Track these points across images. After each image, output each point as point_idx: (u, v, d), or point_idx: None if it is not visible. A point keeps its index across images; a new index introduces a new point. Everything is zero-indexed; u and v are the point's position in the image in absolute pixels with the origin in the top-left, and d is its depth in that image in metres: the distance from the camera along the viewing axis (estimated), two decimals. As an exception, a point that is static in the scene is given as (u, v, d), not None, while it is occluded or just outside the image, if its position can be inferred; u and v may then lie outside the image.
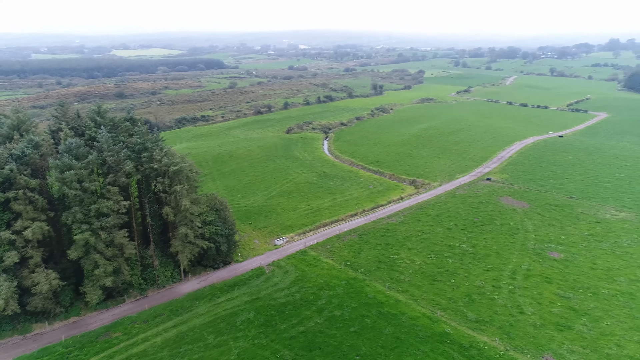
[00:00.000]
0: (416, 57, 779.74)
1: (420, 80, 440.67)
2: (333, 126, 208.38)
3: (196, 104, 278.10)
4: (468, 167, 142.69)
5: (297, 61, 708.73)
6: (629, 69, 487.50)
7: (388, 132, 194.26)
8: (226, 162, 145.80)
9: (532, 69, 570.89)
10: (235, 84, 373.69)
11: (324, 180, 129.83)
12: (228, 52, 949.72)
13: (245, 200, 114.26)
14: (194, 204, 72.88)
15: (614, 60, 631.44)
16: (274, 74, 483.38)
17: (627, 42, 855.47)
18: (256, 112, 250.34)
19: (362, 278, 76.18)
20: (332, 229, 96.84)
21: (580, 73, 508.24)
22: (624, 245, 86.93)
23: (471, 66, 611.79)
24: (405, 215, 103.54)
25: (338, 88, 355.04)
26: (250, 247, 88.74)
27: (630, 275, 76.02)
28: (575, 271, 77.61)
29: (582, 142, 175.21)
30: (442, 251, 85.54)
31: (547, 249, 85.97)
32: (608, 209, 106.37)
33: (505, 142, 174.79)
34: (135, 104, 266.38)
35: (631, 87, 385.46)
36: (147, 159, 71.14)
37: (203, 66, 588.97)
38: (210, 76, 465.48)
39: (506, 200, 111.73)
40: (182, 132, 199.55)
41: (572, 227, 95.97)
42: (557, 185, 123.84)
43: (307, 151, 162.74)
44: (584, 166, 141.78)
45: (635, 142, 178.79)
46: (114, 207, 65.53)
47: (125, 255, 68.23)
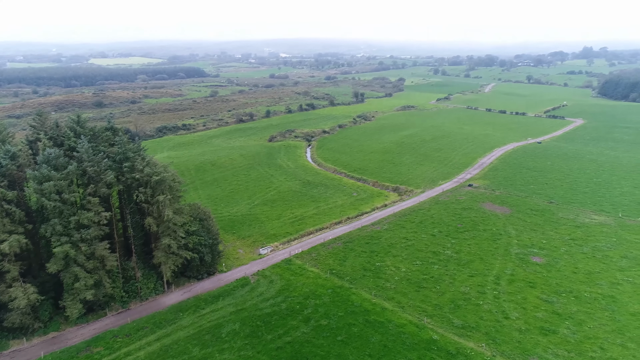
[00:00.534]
0: (396, 65, 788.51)
1: (401, 88, 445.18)
2: (315, 134, 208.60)
3: (177, 113, 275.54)
4: (450, 173, 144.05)
5: (278, 69, 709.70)
6: (602, 76, 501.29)
7: (370, 139, 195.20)
8: (208, 171, 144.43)
9: (509, 76, 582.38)
10: (216, 92, 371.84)
11: (308, 188, 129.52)
12: (209, 60, 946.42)
13: (229, 209, 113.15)
14: (177, 214, 71.78)
15: (588, 68, 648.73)
16: (255, 83, 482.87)
17: (600, 50, 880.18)
18: (238, 120, 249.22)
19: (348, 286, 75.87)
20: (316, 237, 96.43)
21: (556, 80, 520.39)
22: (603, 249, 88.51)
23: (450, 74, 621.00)
24: (390, 222, 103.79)
25: (320, 96, 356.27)
26: (234, 257, 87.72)
27: (610, 278, 77.33)
28: (558, 275, 78.65)
29: (560, 148, 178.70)
30: (426, 258, 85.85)
31: (530, 253, 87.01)
32: (587, 213, 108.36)
33: (486, 148, 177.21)
34: (114, 113, 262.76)
35: (605, 94, 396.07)
36: (129, 168, 69.91)
37: (183, 75, 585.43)
38: (191, 85, 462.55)
39: (488, 206, 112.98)
40: (163, 141, 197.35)
41: (553, 231, 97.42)
42: (537, 190, 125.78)
43: (290, 159, 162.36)
44: (563, 171, 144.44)
45: (610, 148, 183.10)
46: (95, 219, 64.09)
47: (106, 268, 66.68)
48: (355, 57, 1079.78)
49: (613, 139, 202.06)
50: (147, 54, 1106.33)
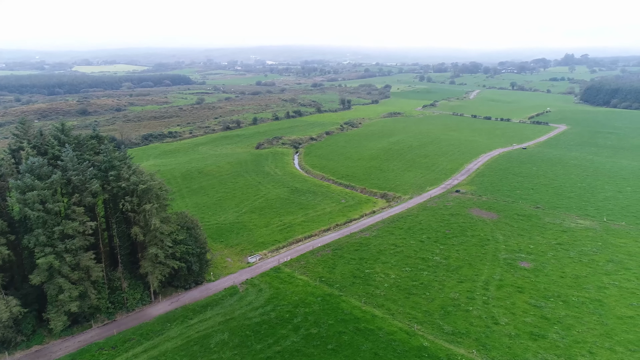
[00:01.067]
0: (382, 72, 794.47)
1: (387, 94, 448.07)
2: (303, 141, 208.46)
3: (163, 120, 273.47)
4: (437, 179, 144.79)
5: (264, 77, 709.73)
6: (584, 82, 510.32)
7: (358, 146, 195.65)
8: (195, 179, 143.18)
9: (493, 83, 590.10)
10: (202, 99, 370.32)
11: (296, 195, 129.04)
12: (194, 67, 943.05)
13: (216, 217, 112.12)
14: (164, 223, 70.79)
15: (570, 75, 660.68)
16: (241, 90, 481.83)
17: (581, 57, 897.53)
18: (225, 127, 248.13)
19: (338, 294, 75.44)
20: (305, 245, 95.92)
21: (539, 87, 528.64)
22: (589, 253, 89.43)
23: (436, 81, 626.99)
24: (378, 229, 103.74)
25: (306, 103, 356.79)
26: (222, 266, 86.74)
27: (597, 282, 78.07)
28: (546, 280, 79.18)
29: (545, 154, 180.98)
30: (416, 264, 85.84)
31: (518, 258, 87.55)
32: (573, 217, 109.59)
33: (472, 154, 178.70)
34: (99, 121, 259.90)
35: (587, 100, 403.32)
36: (115, 177, 68.85)
37: (169, 82, 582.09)
38: (176, 92, 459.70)
39: (476, 212, 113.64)
40: (149, 149, 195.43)
41: (540, 236, 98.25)
42: (523, 195, 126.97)
43: (277, 166, 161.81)
44: (548, 177, 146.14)
45: (593, 153, 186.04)
46: (80, 229, 62.86)
47: (91, 279, 65.37)
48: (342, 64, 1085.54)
49: (596, 145, 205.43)
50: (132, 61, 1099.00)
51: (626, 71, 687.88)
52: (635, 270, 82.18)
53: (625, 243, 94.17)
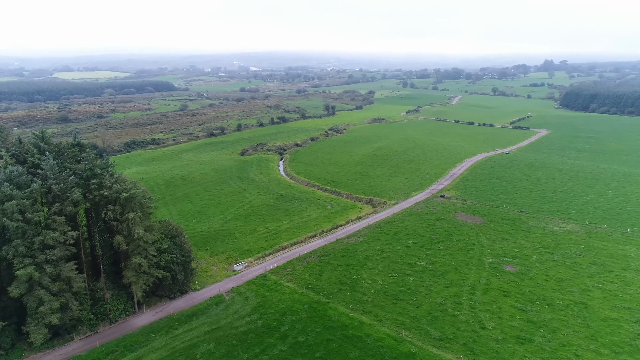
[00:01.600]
0: (366, 78, 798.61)
1: (371, 100, 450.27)
2: (288, 147, 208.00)
3: (146, 127, 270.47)
4: (422, 184, 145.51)
5: (248, 83, 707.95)
6: (563, 88, 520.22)
7: (342, 152, 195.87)
8: (179, 187, 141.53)
9: (475, 88, 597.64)
10: (186, 106, 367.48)
11: (281, 202, 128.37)
12: (177, 74, 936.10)
13: (201, 225, 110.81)
14: (148, 232, 69.57)
15: (550, 80, 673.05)
16: (225, 96, 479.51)
17: (560, 63, 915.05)
18: (209, 134, 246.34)
19: (325, 301, 74.93)
20: (292, 252, 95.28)
21: (520, 92, 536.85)
22: (573, 256, 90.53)
23: (419, 87, 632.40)
24: (364, 234, 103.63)
25: (291, 109, 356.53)
26: (207, 274, 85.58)
27: (581, 285, 78.97)
28: (531, 284, 79.83)
29: (527, 158, 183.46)
30: (402, 269, 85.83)
31: (503, 262, 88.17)
32: (556, 221, 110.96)
33: (456, 159, 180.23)
34: (80, 128, 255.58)
35: (566, 105, 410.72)
36: (97, 185, 67.51)
37: (152, 89, 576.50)
38: (159, 99, 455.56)
39: (461, 216, 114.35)
40: (132, 157, 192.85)
41: (524, 240, 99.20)
42: (507, 200, 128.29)
43: (262, 173, 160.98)
44: (531, 181, 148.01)
45: (574, 157, 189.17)
46: (61, 239, 61.39)
47: (73, 290, 63.80)
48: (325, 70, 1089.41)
49: (576, 149, 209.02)
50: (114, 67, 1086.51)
51: (603, 77, 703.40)
52: (618, 272, 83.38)
53: (607, 246, 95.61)
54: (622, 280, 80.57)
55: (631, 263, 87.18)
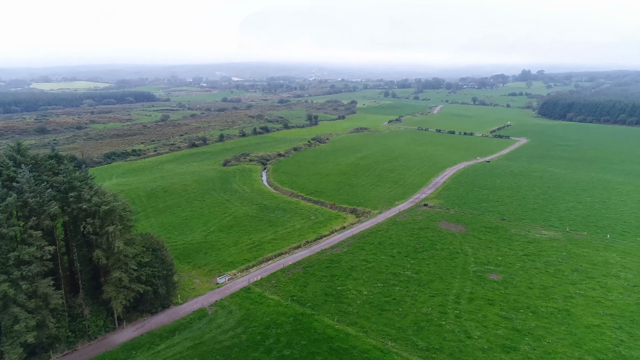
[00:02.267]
0: (348, 88, 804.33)
1: (353, 110, 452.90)
2: (271, 157, 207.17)
3: (126, 138, 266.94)
4: (405, 193, 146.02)
5: (230, 93, 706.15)
6: (541, 97, 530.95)
7: (326, 161, 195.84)
8: (161, 198, 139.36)
9: (456, 98, 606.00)
10: (167, 116, 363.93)
11: (265, 212, 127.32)
12: (159, 84, 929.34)
13: (183, 237, 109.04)
14: (128, 245, 67.97)
15: (528, 90, 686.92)
16: (207, 106, 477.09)
17: (538, 73, 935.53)
18: (191, 145, 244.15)
19: (310, 313, 74.05)
20: (276, 263, 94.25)
21: (499, 102, 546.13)
22: (555, 263, 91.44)
23: (400, 96, 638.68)
24: (349, 244, 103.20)
25: (273, 119, 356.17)
26: (190, 288, 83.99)
27: (564, 292, 79.65)
28: (515, 291, 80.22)
29: (508, 166, 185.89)
30: (387, 279, 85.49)
31: (487, 271, 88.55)
32: (537, 228, 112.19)
33: (438, 168, 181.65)
34: (58, 140, 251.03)
35: (544, 114, 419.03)
36: (75, 198, 65.84)
37: (132, 99, 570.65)
38: (140, 109, 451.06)
39: (444, 225, 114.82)
40: (112, 168, 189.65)
41: (507, 248, 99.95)
42: (489, 208, 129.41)
43: (245, 183, 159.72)
44: (512, 189, 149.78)
45: (553, 165, 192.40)
46: (37, 254, 59.52)
47: (50, 306, 61.75)
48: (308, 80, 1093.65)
49: (555, 157, 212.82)
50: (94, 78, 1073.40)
51: (579, 86, 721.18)
52: (599, 279, 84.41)
53: (587, 252, 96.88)
54: (603, 286, 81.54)
55: (612, 269, 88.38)
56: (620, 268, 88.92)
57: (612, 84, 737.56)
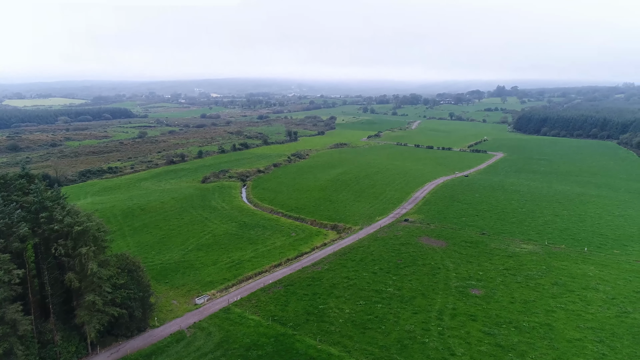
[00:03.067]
0: (327, 104, 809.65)
1: (333, 126, 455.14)
2: (250, 173, 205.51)
3: (102, 156, 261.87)
4: (386, 209, 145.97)
5: (209, 109, 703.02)
6: (516, 112, 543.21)
7: (306, 177, 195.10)
8: (137, 217, 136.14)
9: (433, 113, 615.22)
10: (145, 133, 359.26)
11: (245, 230, 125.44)
12: (136, 100, 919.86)
13: (161, 256, 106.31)
14: (103, 267, 65.56)
15: (503, 105, 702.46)
16: (186, 123, 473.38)
17: (512, 89, 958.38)
18: (169, 161, 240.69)
19: (292, 333, 72.39)
20: (256, 282, 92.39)
21: (476, 117, 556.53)
22: (535, 277, 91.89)
23: (379, 112, 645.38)
24: (330, 261, 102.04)
25: (253, 135, 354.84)
26: (167, 309, 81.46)
27: (545, 306, 79.84)
28: (497, 306, 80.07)
29: (486, 181, 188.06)
30: (369, 297, 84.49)
31: (469, 286, 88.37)
32: (517, 242, 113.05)
33: (418, 183, 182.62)
34: (31, 157, 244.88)
35: (519, 129, 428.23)
36: (46, 219, 63.41)
37: (109, 116, 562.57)
38: (117, 126, 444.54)
39: (425, 240, 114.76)
40: (87, 186, 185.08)
41: (488, 262, 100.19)
42: (469, 222, 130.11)
43: (225, 200, 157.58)
44: (490, 203, 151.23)
45: (530, 179, 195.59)
46: (5, 278, 56.79)
47: (18, 333, 58.76)
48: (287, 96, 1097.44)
49: (531, 170, 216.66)
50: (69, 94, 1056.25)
51: (552, 101, 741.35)
52: (579, 292, 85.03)
53: (566, 266, 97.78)
54: (583, 299, 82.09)
55: (590, 282, 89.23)
56: (599, 281, 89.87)
57: (583, 99, 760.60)
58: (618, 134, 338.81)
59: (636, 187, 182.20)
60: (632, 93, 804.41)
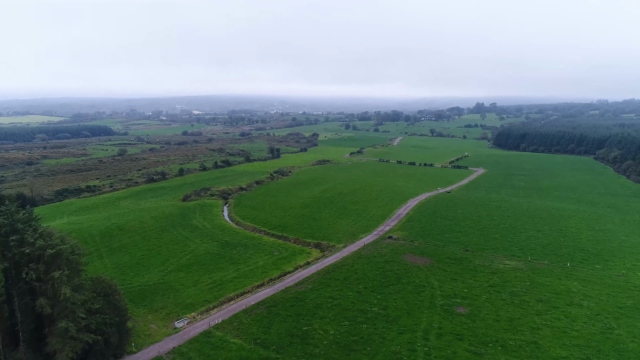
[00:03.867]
0: (309, 120, 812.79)
1: (315, 143, 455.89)
2: (232, 191, 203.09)
3: (80, 174, 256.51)
4: (369, 226, 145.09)
5: (191, 126, 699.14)
6: (495, 128, 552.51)
7: (289, 194, 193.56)
8: (116, 237, 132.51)
9: (414, 130, 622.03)
10: (124, 151, 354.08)
11: (226, 249, 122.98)
12: (116, 118, 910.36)
13: (139, 278, 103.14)
14: (77, 292, 62.80)
15: (482, 121, 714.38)
16: (167, 140, 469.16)
17: (490, 106, 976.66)
18: (149, 180, 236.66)
19: (275, 356, 70.19)
20: (238, 304, 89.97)
21: (456, 133, 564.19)
22: (520, 294, 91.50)
23: (361, 129, 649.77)
24: (314, 281, 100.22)
25: (235, 152, 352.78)
26: (145, 334, 78.49)
27: (530, 323, 79.21)
28: (483, 325, 79.16)
29: (468, 197, 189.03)
30: (354, 317, 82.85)
31: (454, 304, 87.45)
32: (500, 258, 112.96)
33: (401, 199, 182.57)
34: (6, 177, 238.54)
35: (499, 145, 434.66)
36: (17, 242, 60.72)
37: (88, 133, 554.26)
38: (96, 143, 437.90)
39: (410, 258, 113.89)
40: (64, 206, 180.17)
41: (473, 279, 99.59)
42: (452, 239, 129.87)
43: (206, 219, 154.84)
44: (473, 219, 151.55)
45: (511, 194, 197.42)
46: (-29, 305, 53.90)
47: (-15, 364, 55.73)
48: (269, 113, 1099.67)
49: (512, 186, 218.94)
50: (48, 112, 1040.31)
51: (530, 117, 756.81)
52: (563, 308, 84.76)
53: (550, 282, 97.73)
54: (568, 316, 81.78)
55: (574, 298, 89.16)
56: (582, 297, 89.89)
57: (560, 115, 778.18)
58: (594, 149, 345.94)
59: (614, 202, 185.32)
60: (606, 109, 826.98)
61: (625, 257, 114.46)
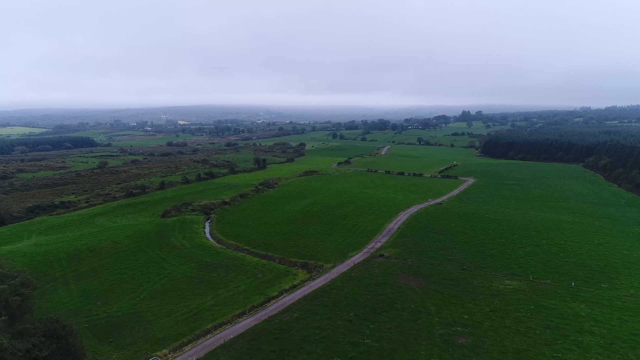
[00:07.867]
0: (296, 130, 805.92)
1: (302, 152, 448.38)
2: (215, 206, 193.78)
3: (56, 189, 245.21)
4: (359, 243, 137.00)
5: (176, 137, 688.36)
6: (482, 137, 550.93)
7: (274, 209, 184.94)
8: (85, 260, 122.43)
9: (402, 138, 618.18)
10: (105, 163, 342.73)
11: (206, 272, 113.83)
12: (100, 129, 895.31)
13: (107, 308, 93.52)
14: (18, 339, 53.63)
15: (469, 130, 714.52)
16: (151, 151, 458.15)
17: (477, 114, 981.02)
18: (128, 194, 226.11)
19: (255, 404, 61.49)
20: (215, 337, 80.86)
21: (444, 141, 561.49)
22: (525, 320, 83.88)
23: (348, 138, 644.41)
24: (300, 308, 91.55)
25: (220, 163, 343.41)
26: (108, 378, 69.20)
27: (539, 356, 71.44)
28: (487, 358, 71.19)
29: (460, 208, 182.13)
30: (345, 352, 74.30)
31: (454, 333, 79.47)
32: (500, 278, 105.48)
33: (391, 212, 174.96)
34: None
35: (487, 153, 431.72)
36: (-52, 282, 51.51)
37: (70, 145, 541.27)
38: (77, 155, 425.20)
39: (403, 279, 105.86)
40: (33, 224, 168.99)
41: (472, 303, 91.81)
42: (447, 256, 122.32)
43: (185, 237, 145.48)
44: (467, 233, 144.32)
45: (504, 205, 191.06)
46: None
47: None
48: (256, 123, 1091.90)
49: (504, 196, 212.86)
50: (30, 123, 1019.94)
51: (515, 125, 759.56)
52: (574, 337, 77.27)
53: (555, 305, 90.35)
54: (579, 346, 74.25)
55: (584, 324, 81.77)
56: (593, 322, 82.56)
57: (545, 123, 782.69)
58: (583, 157, 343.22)
59: (609, 212, 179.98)
60: (590, 117, 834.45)
61: (631, 274, 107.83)
